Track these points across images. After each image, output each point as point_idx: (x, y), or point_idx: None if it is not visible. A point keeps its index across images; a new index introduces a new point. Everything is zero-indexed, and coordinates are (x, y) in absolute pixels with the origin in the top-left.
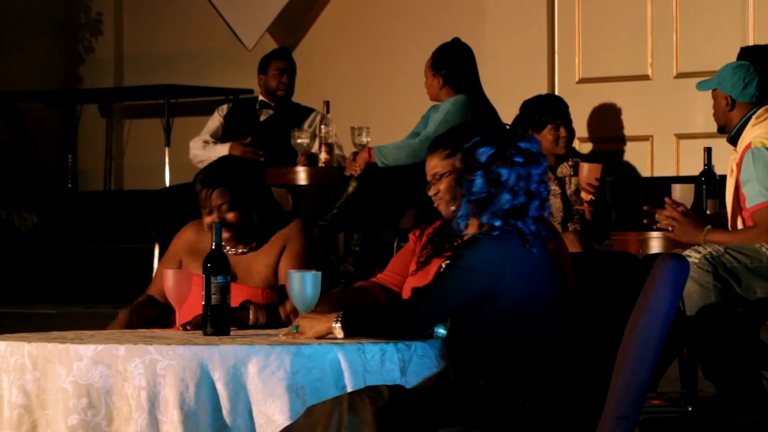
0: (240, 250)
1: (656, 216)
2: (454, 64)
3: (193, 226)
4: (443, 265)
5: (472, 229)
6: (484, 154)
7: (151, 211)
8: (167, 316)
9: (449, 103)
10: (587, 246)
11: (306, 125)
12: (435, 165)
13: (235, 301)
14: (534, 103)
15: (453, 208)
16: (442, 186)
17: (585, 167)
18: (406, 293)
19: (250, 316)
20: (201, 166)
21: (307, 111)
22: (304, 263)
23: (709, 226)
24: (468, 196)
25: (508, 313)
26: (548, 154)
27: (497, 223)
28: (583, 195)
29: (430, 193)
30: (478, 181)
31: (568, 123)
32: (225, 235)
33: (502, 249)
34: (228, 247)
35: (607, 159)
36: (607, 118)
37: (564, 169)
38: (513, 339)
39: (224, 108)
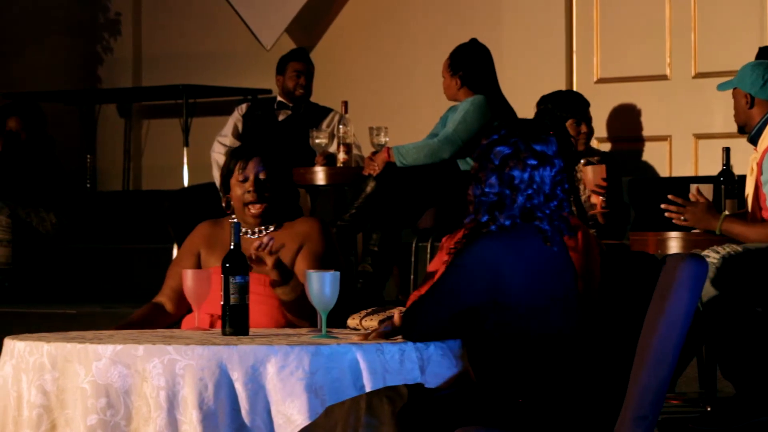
0: (256, 232)
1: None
2: (471, 65)
3: (208, 223)
4: None
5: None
6: (498, 155)
7: (169, 211)
8: (175, 324)
9: (468, 103)
10: (602, 248)
11: (324, 125)
12: None
13: (251, 288)
14: (554, 99)
15: (470, 207)
16: None
17: (589, 170)
18: None
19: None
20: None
21: (326, 111)
22: (323, 264)
23: (726, 212)
24: (480, 196)
25: (514, 310)
26: None
27: (507, 223)
28: (593, 198)
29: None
30: (491, 181)
31: (588, 120)
32: (255, 205)
33: (498, 245)
34: (245, 229)
35: (626, 159)
36: (625, 118)
37: (578, 173)
38: (520, 337)
39: (243, 107)
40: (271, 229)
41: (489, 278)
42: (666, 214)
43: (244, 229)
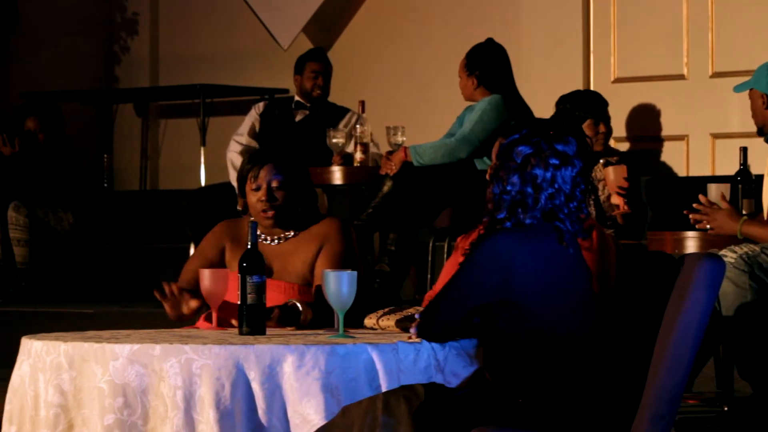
0: (276, 239)
1: (690, 216)
2: (488, 65)
3: (227, 222)
4: None
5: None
6: (520, 154)
7: (186, 211)
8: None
9: (485, 102)
10: (620, 248)
11: (342, 125)
12: None
13: (271, 296)
14: (572, 99)
15: (489, 205)
16: None
17: (611, 171)
18: None
19: (300, 317)
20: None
21: (343, 111)
22: (342, 264)
23: (745, 217)
24: (502, 194)
25: (527, 310)
26: None
27: (528, 222)
28: (614, 199)
29: None
30: (514, 180)
31: (606, 120)
32: (268, 213)
33: (510, 242)
34: (264, 236)
35: (643, 158)
36: (642, 118)
37: (598, 173)
38: (534, 338)
39: (260, 106)
40: (291, 234)
41: (501, 275)
42: (694, 223)
43: (263, 235)
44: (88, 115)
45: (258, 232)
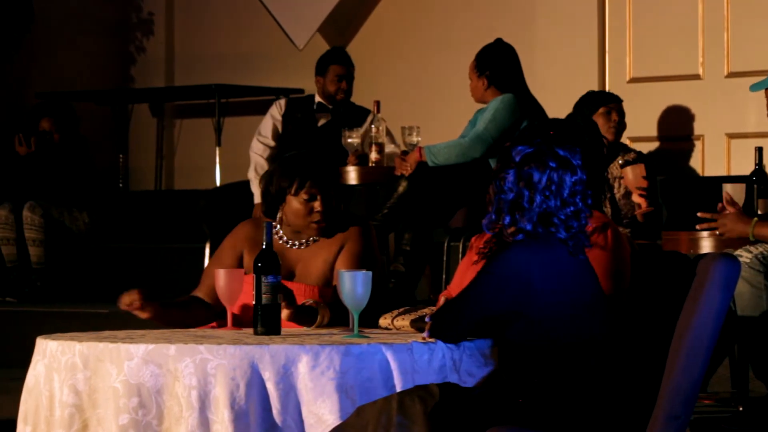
0: (304, 242)
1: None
2: (498, 65)
3: (249, 223)
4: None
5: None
6: (520, 153)
7: (205, 210)
8: (212, 319)
9: (497, 101)
10: (635, 248)
11: (363, 128)
12: None
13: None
14: (583, 100)
15: (489, 207)
16: None
17: (629, 171)
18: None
19: (318, 318)
20: (250, 170)
21: (364, 112)
22: (360, 265)
23: (756, 219)
24: (499, 194)
25: (539, 323)
26: None
27: (528, 227)
28: (635, 199)
29: None
30: (509, 179)
31: (620, 110)
32: (322, 224)
33: (529, 256)
34: (292, 241)
35: (658, 158)
36: (657, 118)
37: (614, 170)
38: (544, 345)
39: (282, 105)
40: (316, 238)
41: (519, 287)
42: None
43: (289, 241)
44: (104, 115)
45: (285, 238)
